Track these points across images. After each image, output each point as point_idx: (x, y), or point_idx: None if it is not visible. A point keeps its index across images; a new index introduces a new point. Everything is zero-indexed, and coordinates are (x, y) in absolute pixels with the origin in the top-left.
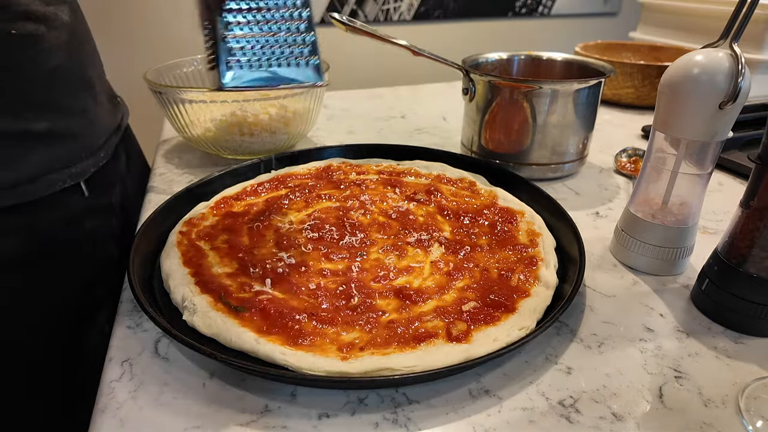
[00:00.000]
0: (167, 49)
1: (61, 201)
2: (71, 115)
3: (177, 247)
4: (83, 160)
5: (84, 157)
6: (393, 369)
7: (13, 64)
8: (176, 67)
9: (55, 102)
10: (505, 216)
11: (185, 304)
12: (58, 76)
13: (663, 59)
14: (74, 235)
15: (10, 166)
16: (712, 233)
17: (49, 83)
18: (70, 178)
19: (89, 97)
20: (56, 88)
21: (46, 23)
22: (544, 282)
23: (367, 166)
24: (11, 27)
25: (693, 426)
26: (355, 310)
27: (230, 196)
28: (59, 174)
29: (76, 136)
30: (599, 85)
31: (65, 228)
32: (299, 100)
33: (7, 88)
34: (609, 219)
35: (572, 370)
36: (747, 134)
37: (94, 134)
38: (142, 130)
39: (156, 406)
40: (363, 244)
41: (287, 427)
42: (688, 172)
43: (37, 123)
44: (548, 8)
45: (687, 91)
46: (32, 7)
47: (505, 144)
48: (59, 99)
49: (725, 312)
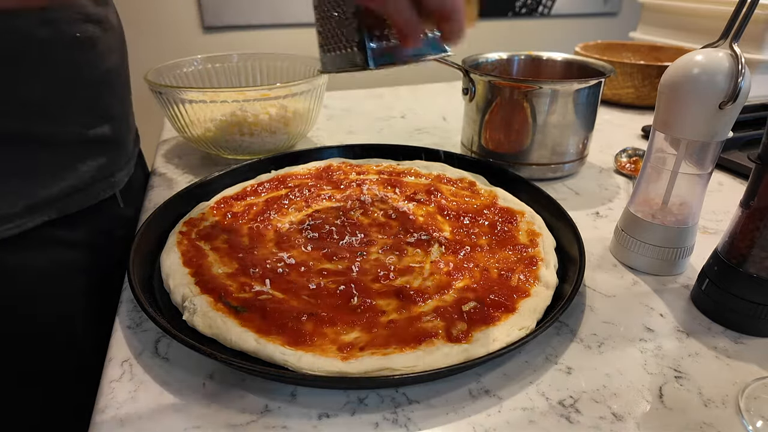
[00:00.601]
0: (167, 49)
1: (98, 213)
2: (119, 119)
3: (177, 247)
4: (122, 168)
5: (123, 165)
6: (393, 369)
7: (76, 68)
8: (176, 67)
9: (106, 106)
10: (505, 216)
11: (185, 304)
12: (111, 80)
13: (663, 59)
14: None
15: (63, 174)
16: (712, 233)
17: (103, 87)
18: (110, 187)
19: (129, 100)
20: (108, 93)
21: (101, 25)
22: (544, 282)
23: (367, 166)
24: (76, 30)
25: (693, 426)
26: (355, 310)
27: (230, 196)
28: (103, 183)
29: (120, 142)
30: (599, 85)
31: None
32: (299, 100)
33: (71, 94)
34: (609, 219)
35: (572, 370)
36: (747, 134)
37: (130, 140)
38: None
39: (156, 406)
40: (363, 244)
41: (287, 427)
42: (688, 172)
43: (96, 129)
44: (548, 8)
45: (687, 91)
46: (90, 9)
47: (505, 144)
48: (110, 103)
49: (725, 312)
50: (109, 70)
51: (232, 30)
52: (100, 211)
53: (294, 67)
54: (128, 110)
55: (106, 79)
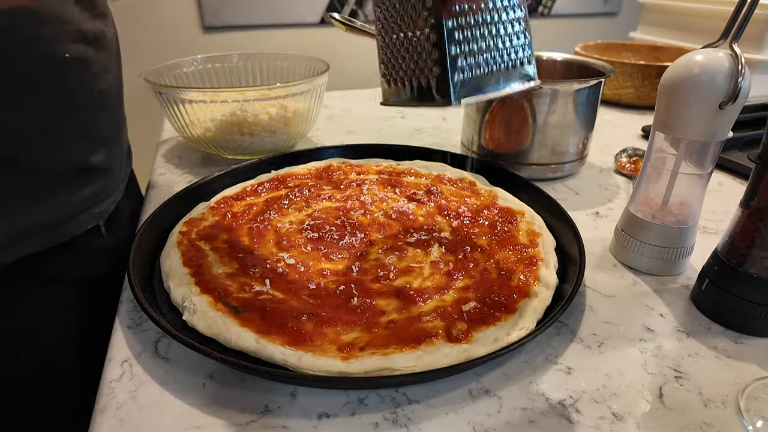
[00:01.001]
0: (167, 49)
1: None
2: (110, 144)
3: (177, 247)
4: (109, 197)
5: (109, 193)
6: (393, 369)
7: (68, 90)
8: (176, 67)
9: (98, 130)
10: (505, 216)
11: (185, 304)
12: (104, 102)
13: (663, 59)
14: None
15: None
16: (712, 233)
17: (95, 110)
18: (94, 218)
19: (122, 118)
20: (101, 115)
21: (95, 44)
22: (544, 282)
23: (367, 166)
24: (65, 49)
25: (693, 426)
26: (355, 310)
27: (230, 196)
28: (86, 215)
29: (110, 169)
30: (599, 85)
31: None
32: (299, 100)
33: (60, 118)
34: (609, 219)
35: (572, 370)
36: (747, 134)
37: (120, 166)
38: (142, 130)
39: (156, 406)
40: (363, 244)
41: (287, 427)
42: (688, 172)
43: (85, 155)
44: (548, 8)
45: (687, 91)
46: (84, 26)
47: (505, 144)
48: (103, 127)
49: (725, 312)
50: (102, 91)
51: (232, 30)
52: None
53: (294, 67)
54: (121, 131)
55: (99, 101)
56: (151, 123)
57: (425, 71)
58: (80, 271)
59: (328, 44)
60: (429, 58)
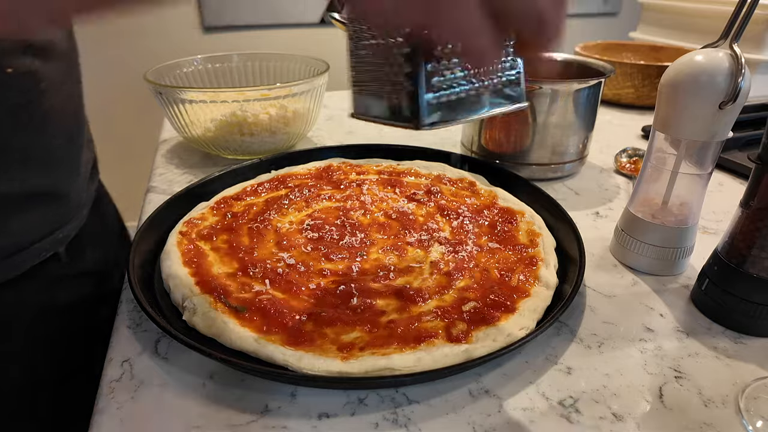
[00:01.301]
0: (167, 49)
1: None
2: (61, 166)
3: (177, 247)
4: (69, 222)
5: (70, 218)
6: (393, 369)
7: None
8: (176, 67)
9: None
10: (505, 216)
11: (185, 304)
12: (53, 120)
13: (663, 59)
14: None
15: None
16: (712, 233)
17: (44, 128)
18: (53, 245)
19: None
20: (51, 135)
21: (43, 56)
22: (544, 282)
23: (367, 166)
24: (7, 63)
25: (693, 426)
26: (355, 310)
27: (230, 196)
28: (43, 243)
29: (66, 194)
30: (599, 85)
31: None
32: (299, 100)
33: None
34: (609, 219)
35: (572, 370)
36: (747, 134)
37: (79, 189)
38: (142, 130)
39: (156, 406)
40: (363, 244)
41: (287, 427)
42: (688, 172)
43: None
44: None
45: (687, 91)
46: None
47: (505, 144)
48: (54, 148)
49: (725, 312)
50: (53, 107)
51: (232, 30)
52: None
53: (294, 67)
54: (79, 152)
55: (48, 119)
56: (151, 123)
57: (396, 86)
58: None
59: (328, 44)
60: (401, 71)
